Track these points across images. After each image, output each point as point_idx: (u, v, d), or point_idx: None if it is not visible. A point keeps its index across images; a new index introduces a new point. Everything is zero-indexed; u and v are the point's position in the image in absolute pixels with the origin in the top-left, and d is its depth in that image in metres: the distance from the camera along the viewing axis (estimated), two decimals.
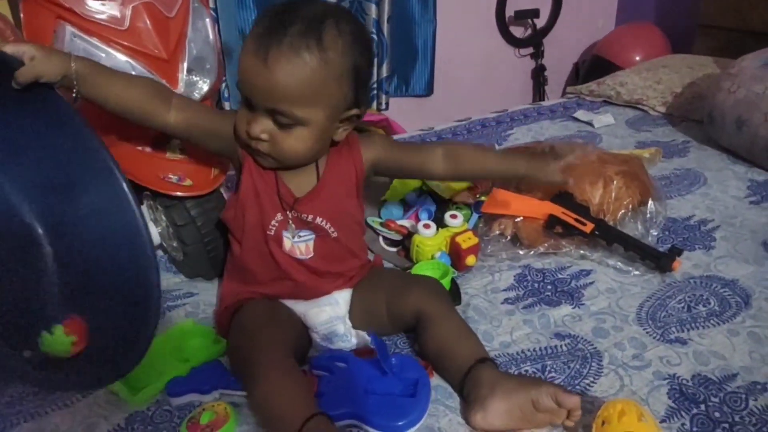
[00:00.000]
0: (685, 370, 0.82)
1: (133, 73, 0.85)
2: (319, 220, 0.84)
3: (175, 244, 1.05)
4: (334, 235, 0.86)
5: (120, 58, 0.84)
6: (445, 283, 0.94)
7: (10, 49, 0.71)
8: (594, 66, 2.40)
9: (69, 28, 0.82)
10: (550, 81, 2.55)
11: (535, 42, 2.48)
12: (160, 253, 1.14)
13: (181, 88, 0.89)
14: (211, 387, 0.77)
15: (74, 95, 0.76)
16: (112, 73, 0.80)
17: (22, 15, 0.82)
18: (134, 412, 0.78)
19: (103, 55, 0.83)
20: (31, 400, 0.81)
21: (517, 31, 2.46)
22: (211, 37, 0.93)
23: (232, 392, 0.78)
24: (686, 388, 0.79)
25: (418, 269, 1.00)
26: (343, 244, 0.87)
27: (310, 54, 0.72)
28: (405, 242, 1.12)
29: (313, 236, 0.85)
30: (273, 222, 0.84)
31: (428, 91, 2.28)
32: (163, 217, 1.04)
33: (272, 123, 0.76)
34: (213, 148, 0.88)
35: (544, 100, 2.48)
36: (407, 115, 2.20)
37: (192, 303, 1.00)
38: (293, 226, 0.84)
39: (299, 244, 0.85)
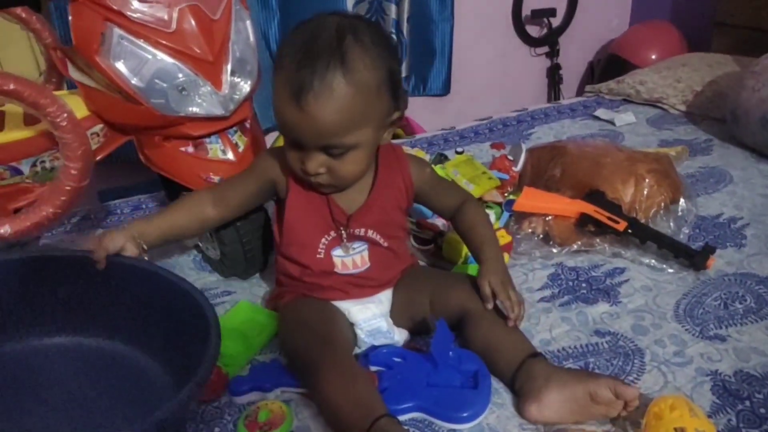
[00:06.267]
0: (727, 366, 0.83)
1: (180, 75, 0.86)
2: (370, 233, 0.86)
3: (212, 244, 1.06)
4: (385, 244, 0.88)
5: (167, 60, 0.85)
6: None
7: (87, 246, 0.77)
8: (609, 65, 2.40)
9: (117, 30, 0.83)
10: (565, 80, 2.55)
11: (550, 41, 2.48)
12: (194, 252, 1.15)
13: (225, 90, 0.90)
14: (273, 385, 0.78)
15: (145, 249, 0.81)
16: (159, 217, 0.86)
17: (70, 17, 0.83)
18: None
19: (150, 56, 0.84)
20: None
21: (533, 30, 2.46)
22: (251, 38, 0.94)
23: (292, 390, 0.79)
24: (729, 384, 0.80)
25: (456, 270, 1.01)
26: (393, 251, 0.89)
27: (342, 84, 0.70)
28: (437, 241, 1.13)
29: (366, 246, 0.87)
30: (321, 244, 0.85)
31: (445, 90, 2.28)
32: None
33: (325, 156, 0.76)
34: (263, 201, 0.93)
35: (559, 98, 2.49)
36: (425, 114, 2.20)
37: (230, 301, 1.01)
38: (346, 240, 0.85)
39: (354, 257, 0.86)
